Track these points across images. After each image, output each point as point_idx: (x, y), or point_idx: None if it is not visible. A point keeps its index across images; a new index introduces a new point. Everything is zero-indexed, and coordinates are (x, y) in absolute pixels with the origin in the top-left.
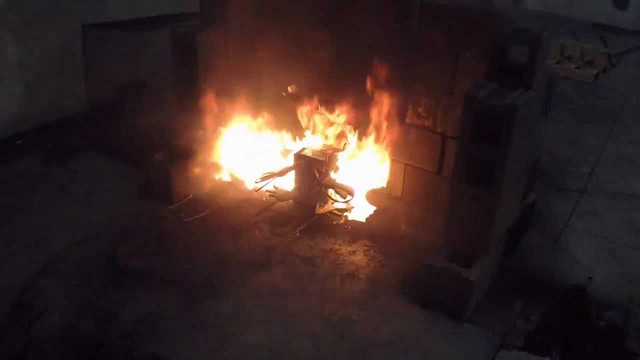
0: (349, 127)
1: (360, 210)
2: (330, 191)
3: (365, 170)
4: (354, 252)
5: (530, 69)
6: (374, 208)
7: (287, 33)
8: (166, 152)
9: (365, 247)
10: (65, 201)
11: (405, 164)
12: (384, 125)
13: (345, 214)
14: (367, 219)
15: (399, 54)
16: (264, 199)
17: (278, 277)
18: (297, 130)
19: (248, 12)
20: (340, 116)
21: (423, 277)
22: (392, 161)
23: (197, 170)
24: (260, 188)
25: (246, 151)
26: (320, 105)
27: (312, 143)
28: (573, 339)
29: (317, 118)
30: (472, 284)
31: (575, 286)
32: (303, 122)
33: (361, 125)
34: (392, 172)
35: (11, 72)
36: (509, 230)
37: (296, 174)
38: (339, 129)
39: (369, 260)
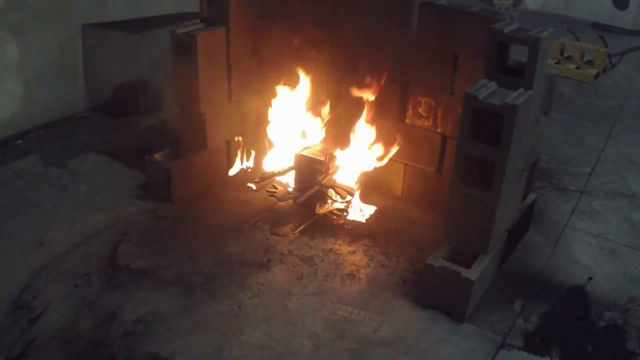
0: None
1: (360, 210)
2: (330, 191)
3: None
4: (354, 252)
5: (530, 69)
6: (374, 208)
7: (286, 32)
8: (166, 152)
9: (365, 247)
10: (65, 201)
11: (405, 164)
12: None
13: (345, 213)
14: (367, 219)
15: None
16: (264, 199)
17: (278, 277)
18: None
19: (248, 12)
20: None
21: (423, 277)
22: (392, 161)
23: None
24: (260, 188)
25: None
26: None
27: (312, 143)
28: (573, 339)
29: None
30: (472, 284)
31: (575, 286)
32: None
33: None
34: (392, 172)
35: (11, 72)
36: (508, 230)
37: (296, 174)
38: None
39: (369, 260)
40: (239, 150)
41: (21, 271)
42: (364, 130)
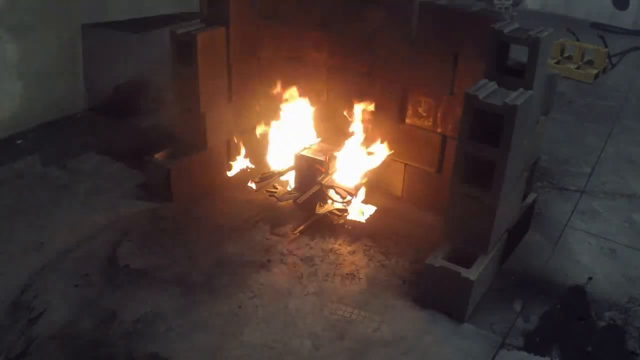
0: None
1: (360, 210)
2: (330, 191)
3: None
4: (354, 252)
5: (530, 69)
6: (374, 208)
7: (286, 33)
8: (166, 152)
9: (365, 247)
10: (65, 201)
11: (405, 164)
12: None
13: (345, 213)
14: (367, 219)
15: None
16: (264, 199)
17: (278, 277)
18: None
19: (248, 12)
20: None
21: (423, 277)
22: (392, 161)
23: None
24: (260, 188)
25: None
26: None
27: (312, 143)
28: (573, 339)
29: None
30: (472, 284)
31: (575, 286)
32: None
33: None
34: (392, 172)
35: (11, 72)
36: (508, 230)
37: (296, 174)
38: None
39: (369, 260)
40: (238, 150)
41: (21, 271)
42: (363, 130)
